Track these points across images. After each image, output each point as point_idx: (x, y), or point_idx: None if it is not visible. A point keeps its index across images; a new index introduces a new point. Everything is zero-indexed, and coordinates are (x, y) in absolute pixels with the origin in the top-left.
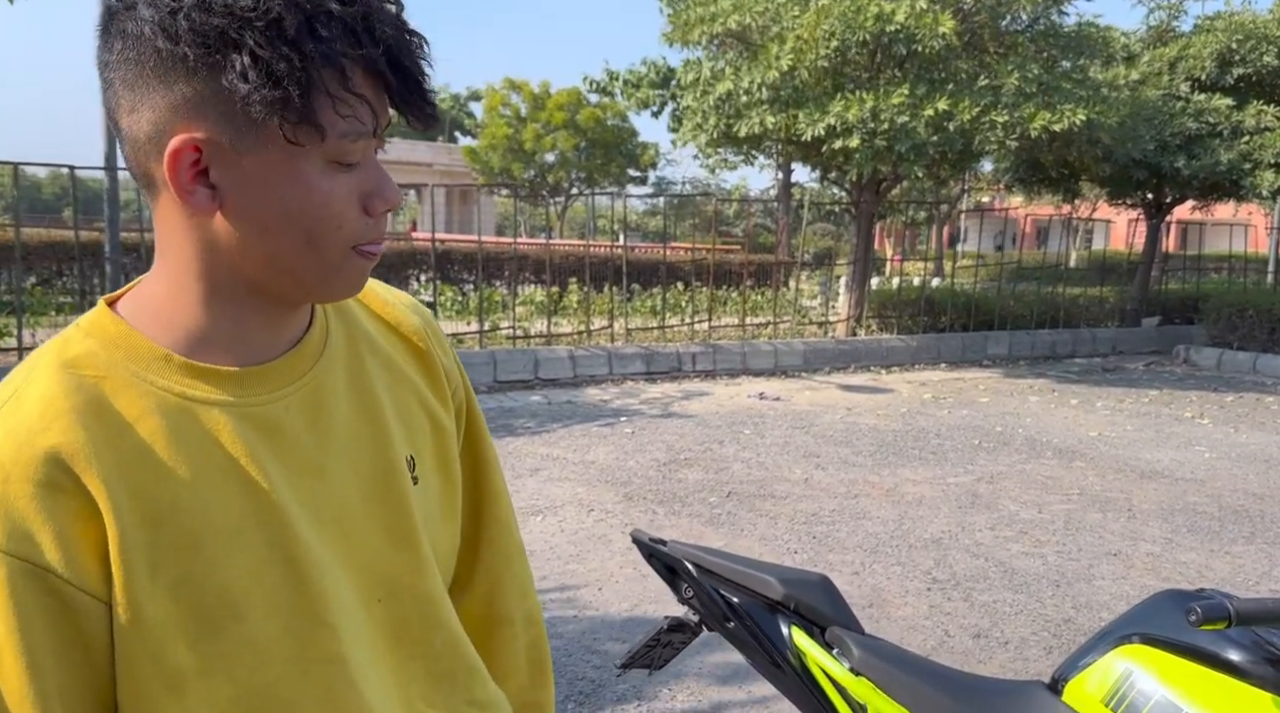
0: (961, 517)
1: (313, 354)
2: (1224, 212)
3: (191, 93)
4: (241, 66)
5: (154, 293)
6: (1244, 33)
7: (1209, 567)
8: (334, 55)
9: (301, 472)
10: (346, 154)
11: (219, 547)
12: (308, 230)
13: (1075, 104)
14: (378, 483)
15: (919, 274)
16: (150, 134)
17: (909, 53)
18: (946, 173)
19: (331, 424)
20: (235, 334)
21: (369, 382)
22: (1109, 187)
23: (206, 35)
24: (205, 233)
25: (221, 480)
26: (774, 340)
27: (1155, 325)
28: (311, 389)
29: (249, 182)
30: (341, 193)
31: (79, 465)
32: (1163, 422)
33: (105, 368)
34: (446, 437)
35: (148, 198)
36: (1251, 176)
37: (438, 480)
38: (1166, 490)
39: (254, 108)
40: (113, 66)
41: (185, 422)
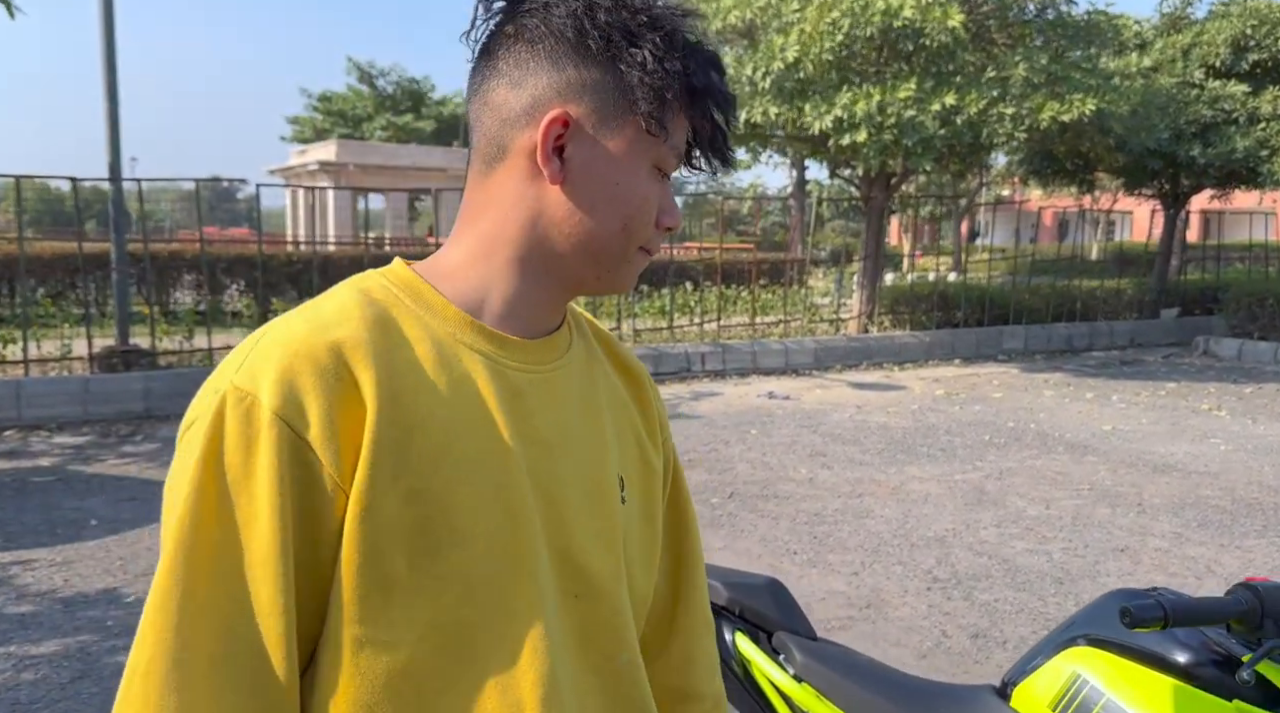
0: (967, 514)
1: (558, 350)
2: (1248, 200)
3: (578, 77)
4: (643, 59)
5: (449, 258)
6: (1259, 18)
7: (1218, 561)
8: (698, 77)
9: (533, 441)
10: (667, 164)
11: (457, 470)
12: (627, 217)
13: (1085, 94)
14: (594, 484)
15: (938, 269)
16: (527, 107)
17: (916, 46)
18: (956, 167)
19: (562, 413)
20: (513, 306)
21: (597, 396)
22: (1124, 177)
23: (614, 31)
24: (536, 203)
25: (471, 413)
26: (784, 339)
27: (1175, 317)
28: (552, 377)
29: (597, 162)
30: (655, 195)
31: (357, 359)
32: (1179, 414)
33: (394, 300)
34: (654, 477)
35: (478, 170)
36: (1269, 163)
37: (640, 517)
38: (1179, 484)
39: (639, 92)
40: (505, 47)
41: (452, 355)
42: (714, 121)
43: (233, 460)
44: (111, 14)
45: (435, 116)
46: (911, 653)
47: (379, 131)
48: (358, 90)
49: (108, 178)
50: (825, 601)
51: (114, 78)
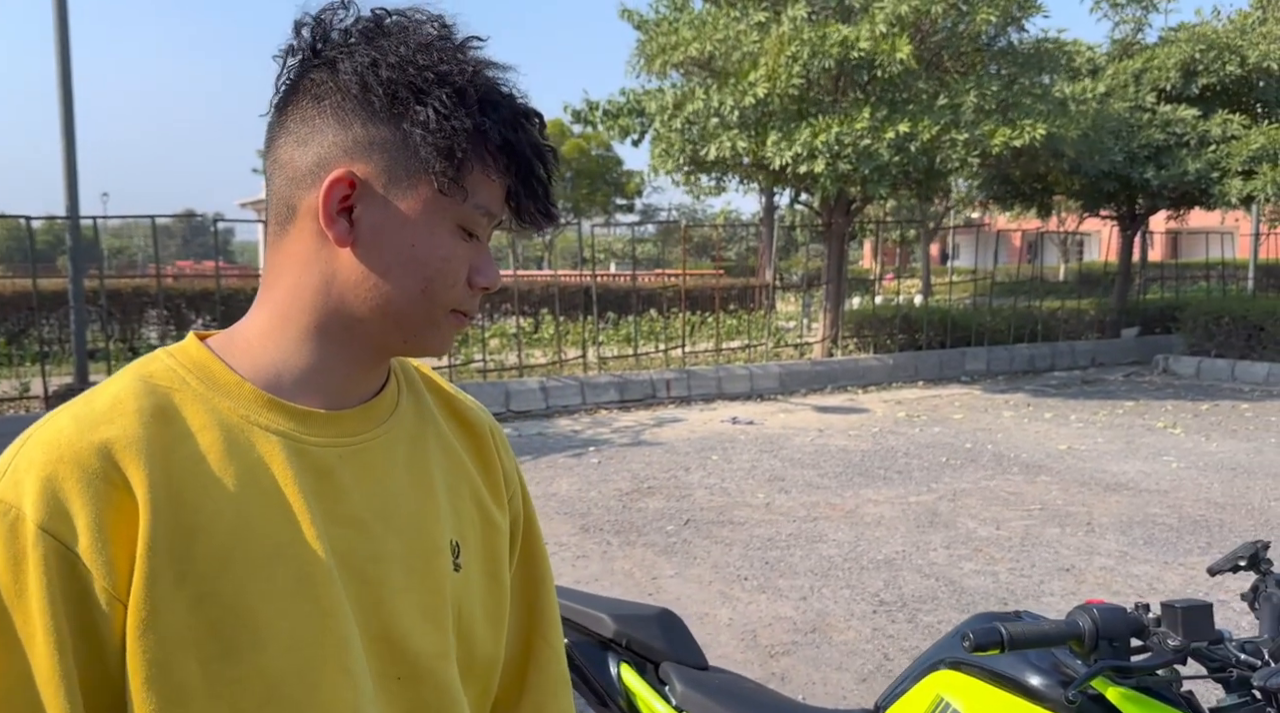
0: (918, 536)
1: (379, 417)
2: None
3: (365, 135)
4: (426, 117)
5: (248, 328)
6: (1207, 43)
7: (1161, 579)
8: (494, 134)
9: (342, 521)
10: (474, 224)
11: (250, 569)
12: (428, 279)
13: (1036, 119)
14: (419, 558)
15: (910, 292)
16: (312, 166)
17: (870, 77)
18: (910, 193)
19: (382, 486)
20: (315, 376)
21: (426, 458)
22: (1081, 199)
23: (399, 88)
24: (328, 266)
25: (265, 505)
26: (749, 364)
27: (1135, 336)
28: (369, 448)
29: (389, 223)
30: (460, 256)
31: (129, 459)
32: (1135, 433)
33: (179, 383)
34: (498, 535)
35: (274, 231)
36: (1220, 185)
37: (483, 578)
38: (1129, 503)
39: (424, 152)
40: (294, 103)
41: (243, 441)
42: (520, 178)
43: (3, 579)
44: (68, 60)
45: None
46: (853, 677)
47: None
48: None
49: (65, 217)
50: (771, 626)
51: (70, 120)
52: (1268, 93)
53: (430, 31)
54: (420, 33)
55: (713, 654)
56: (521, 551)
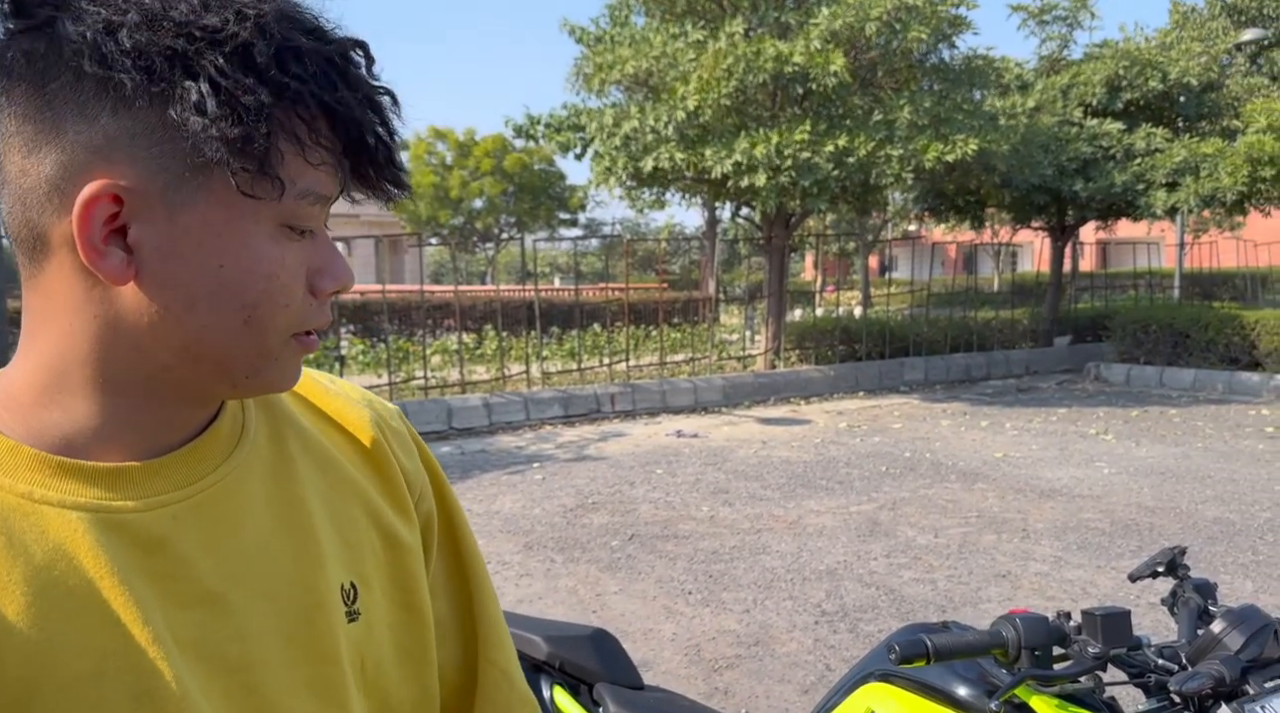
0: (859, 546)
1: (219, 451)
2: (1138, 229)
3: (119, 129)
4: (199, 96)
5: (11, 384)
6: (1130, 59)
7: (1094, 583)
8: (305, 96)
9: (188, 602)
10: (302, 218)
11: (65, 701)
12: (249, 306)
13: (967, 134)
14: (299, 621)
15: (850, 304)
16: (52, 180)
17: (806, 91)
18: (849, 207)
19: (239, 541)
20: (116, 431)
21: (298, 487)
22: (1013, 211)
23: (153, 58)
24: (108, 307)
25: (74, 610)
26: (694, 377)
27: (1067, 344)
28: (211, 497)
29: (180, 243)
30: (291, 265)
31: None
32: (1068, 439)
33: None
34: (407, 557)
35: (24, 264)
36: (1145, 196)
37: (394, 614)
38: (1063, 508)
39: (208, 146)
40: (5, 94)
41: (29, 530)
42: (354, 146)
43: None
44: None
45: None
46: (795, 689)
47: None
48: None
49: None
50: (715, 640)
51: None
52: (1188, 107)
53: None
54: None
55: (657, 670)
56: (442, 556)
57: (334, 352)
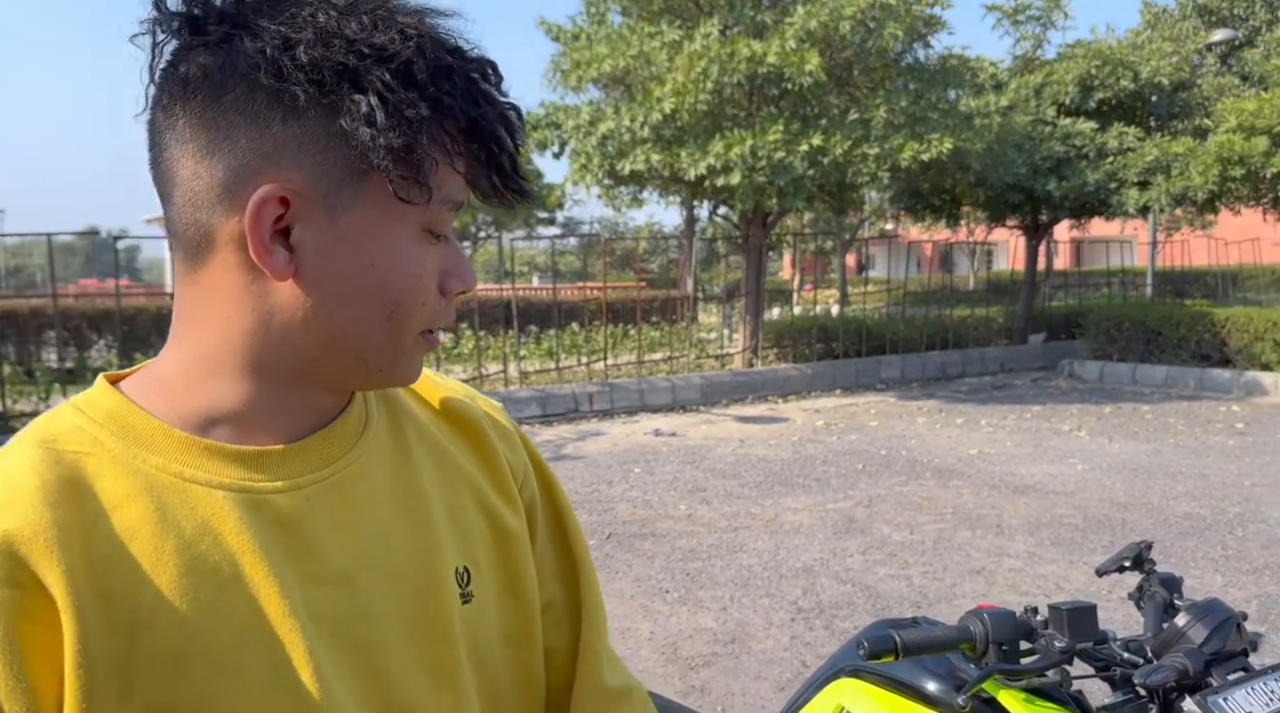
0: (835, 543)
1: (348, 439)
2: (1111, 228)
3: (289, 137)
4: (368, 108)
5: (163, 370)
6: (1102, 59)
7: (1067, 578)
8: (455, 111)
9: (321, 580)
10: (440, 223)
11: (210, 667)
12: (393, 303)
13: (942, 133)
14: (419, 603)
15: (828, 302)
16: (225, 182)
17: (782, 91)
18: (825, 206)
19: (365, 525)
20: (257, 417)
21: (415, 475)
22: (987, 210)
23: (325, 73)
24: (265, 301)
25: (219, 583)
26: (672, 376)
27: (1041, 342)
28: (342, 480)
29: (338, 243)
30: (430, 266)
31: (37, 554)
32: (1042, 436)
33: (91, 444)
34: (513, 543)
35: (184, 261)
36: (1117, 195)
37: (503, 598)
38: (1036, 504)
39: (374, 154)
40: (182, 103)
41: (180, 506)
42: (490, 157)
43: None
44: None
45: None
46: (771, 686)
47: None
48: None
49: None
50: (692, 638)
51: None
52: (1159, 106)
53: None
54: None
55: (634, 669)
56: (550, 541)
57: None
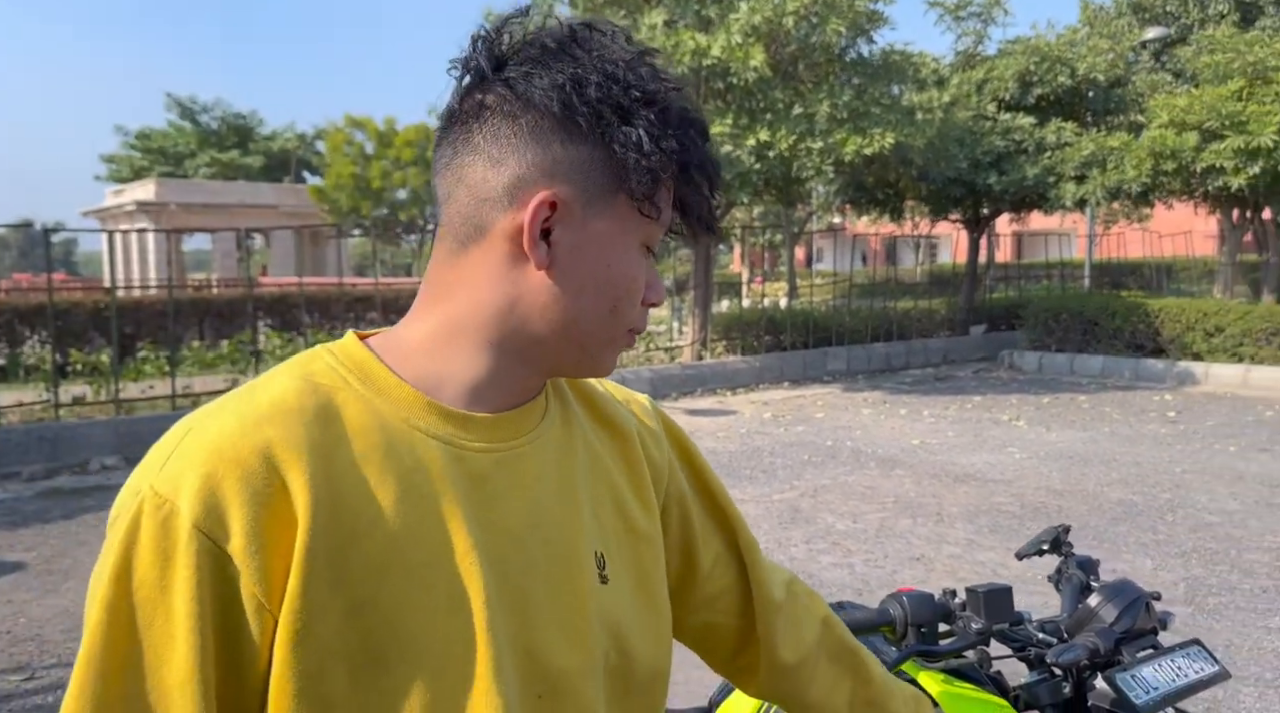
0: (780, 532)
1: (531, 422)
2: (1051, 222)
3: (565, 156)
4: (638, 138)
5: (410, 335)
6: (1041, 55)
7: (1004, 564)
8: (694, 154)
9: (498, 529)
10: (654, 240)
11: (407, 578)
12: (617, 299)
13: (885, 128)
14: (563, 570)
15: (776, 295)
16: (508, 187)
17: (727, 85)
18: (773, 199)
19: (532, 495)
20: (477, 387)
21: (573, 466)
22: (930, 204)
23: (605, 106)
24: (516, 287)
25: (425, 511)
26: (621, 369)
27: (983, 333)
28: (522, 454)
29: (587, 244)
30: (643, 275)
31: (290, 462)
32: (982, 425)
33: (341, 381)
34: (643, 544)
35: (449, 246)
36: (1055, 189)
37: (636, 592)
38: (976, 492)
39: (634, 175)
40: (481, 119)
41: (404, 445)
42: (704, 195)
43: (147, 576)
44: None
45: (264, 152)
46: (713, 674)
47: (203, 169)
48: (179, 127)
49: None
50: None
51: None
52: (1095, 102)
53: (624, 47)
54: (615, 48)
55: None
56: (701, 505)
57: (249, 347)
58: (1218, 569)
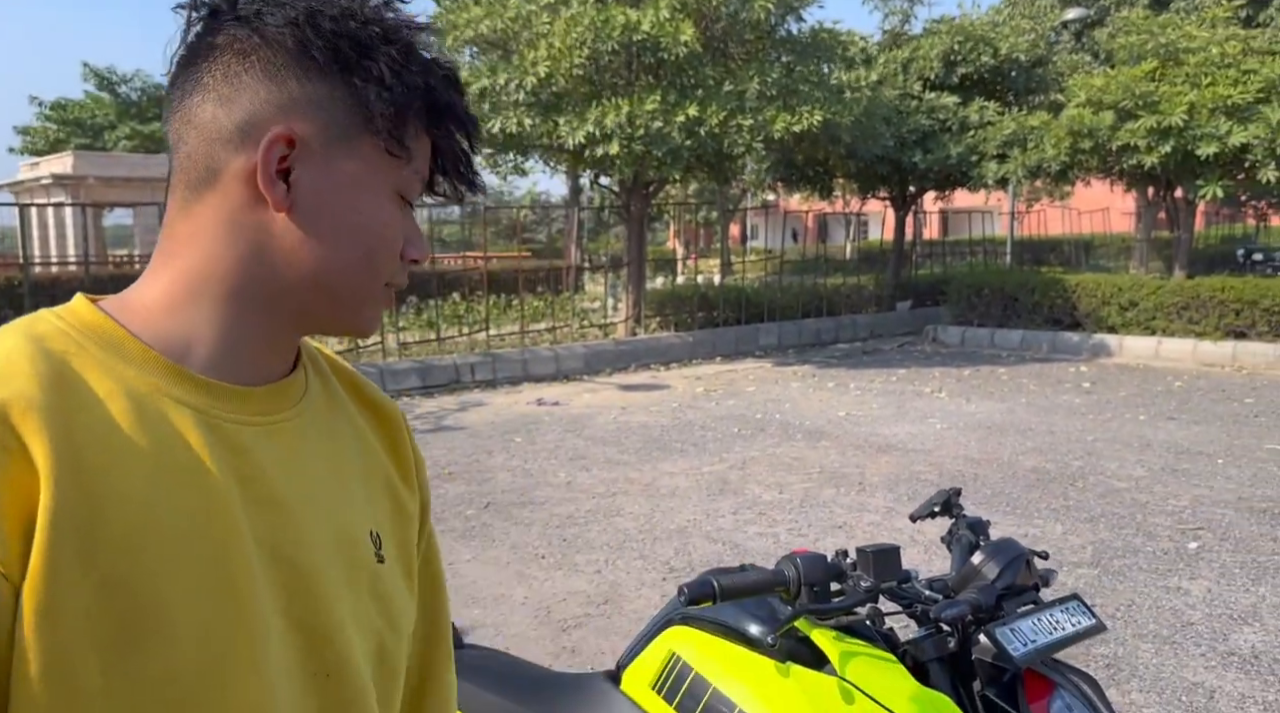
0: (709, 504)
1: (290, 398)
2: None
3: (302, 92)
4: (379, 73)
5: (146, 294)
6: (965, 35)
7: (921, 530)
8: (439, 91)
9: (264, 502)
10: (409, 190)
11: (161, 550)
12: (371, 248)
13: (813, 106)
14: (343, 548)
15: (710, 272)
16: (240, 125)
17: (658, 60)
18: (705, 176)
19: (302, 471)
20: (228, 350)
21: (340, 445)
22: (858, 182)
23: (343, 40)
24: (258, 233)
25: (179, 480)
26: (555, 346)
27: (908, 309)
28: (283, 430)
29: (331, 186)
30: (399, 225)
31: (27, 423)
32: (905, 398)
33: (75, 347)
34: (410, 525)
35: (183, 194)
36: (978, 167)
37: (401, 574)
38: (897, 462)
39: (376, 110)
40: (210, 58)
41: (154, 412)
42: (458, 143)
43: None
44: None
45: None
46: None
47: (123, 141)
48: (97, 98)
49: None
50: (565, 601)
51: None
52: (1017, 82)
53: None
54: None
55: (506, 634)
56: (425, 546)
57: None
58: (1123, 533)
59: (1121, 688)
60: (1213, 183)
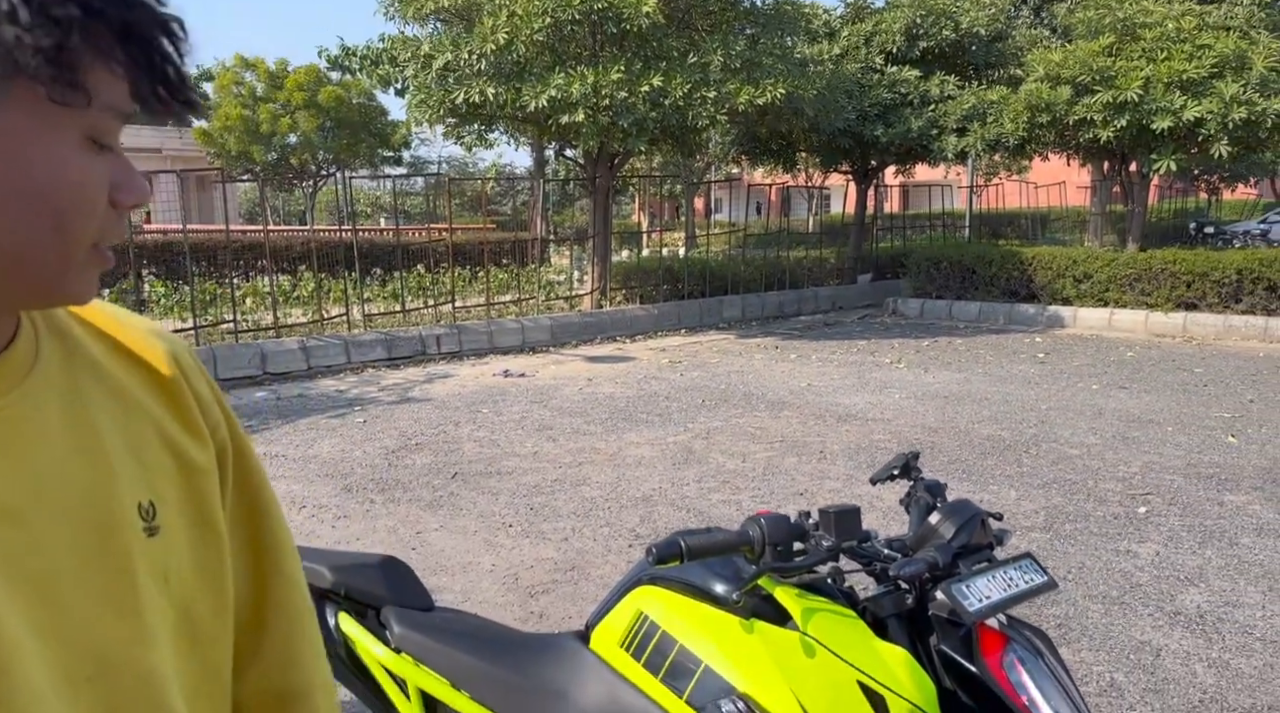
0: (674, 473)
1: (13, 377)
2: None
3: None
4: (9, 6)
5: None
6: (927, 9)
7: (880, 497)
8: (108, 13)
9: None
10: (104, 132)
11: None
12: (59, 213)
13: (777, 79)
14: (93, 536)
15: (675, 244)
16: None
17: (622, 31)
18: (669, 147)
19: (34, 463)
20: None
21: (90, 413)
22: (820, 155)
23: None
24: None
25: None
26: (521, 318)
27: (869, 281)
28: (7, 419)
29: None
30: (97, 175)
31: None
32: (865, 368)
33: None
34: (203, 479)
35: None
36: (938, 141)
37: (192, 531)
38: (857, 431)
39: (22, 54)
40: None
41: None
42: (148, 65)
43: None
44: None
45: None
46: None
47: None
48: None
49: None
50: (533, 568)
51: None
52: (977, 56)
53: None
54: None
55: (474, 600)
56: (236, 481)
57: (132, 294)
58: (1075, 499)
59: (1072, 647)
60: (1166, 157)
